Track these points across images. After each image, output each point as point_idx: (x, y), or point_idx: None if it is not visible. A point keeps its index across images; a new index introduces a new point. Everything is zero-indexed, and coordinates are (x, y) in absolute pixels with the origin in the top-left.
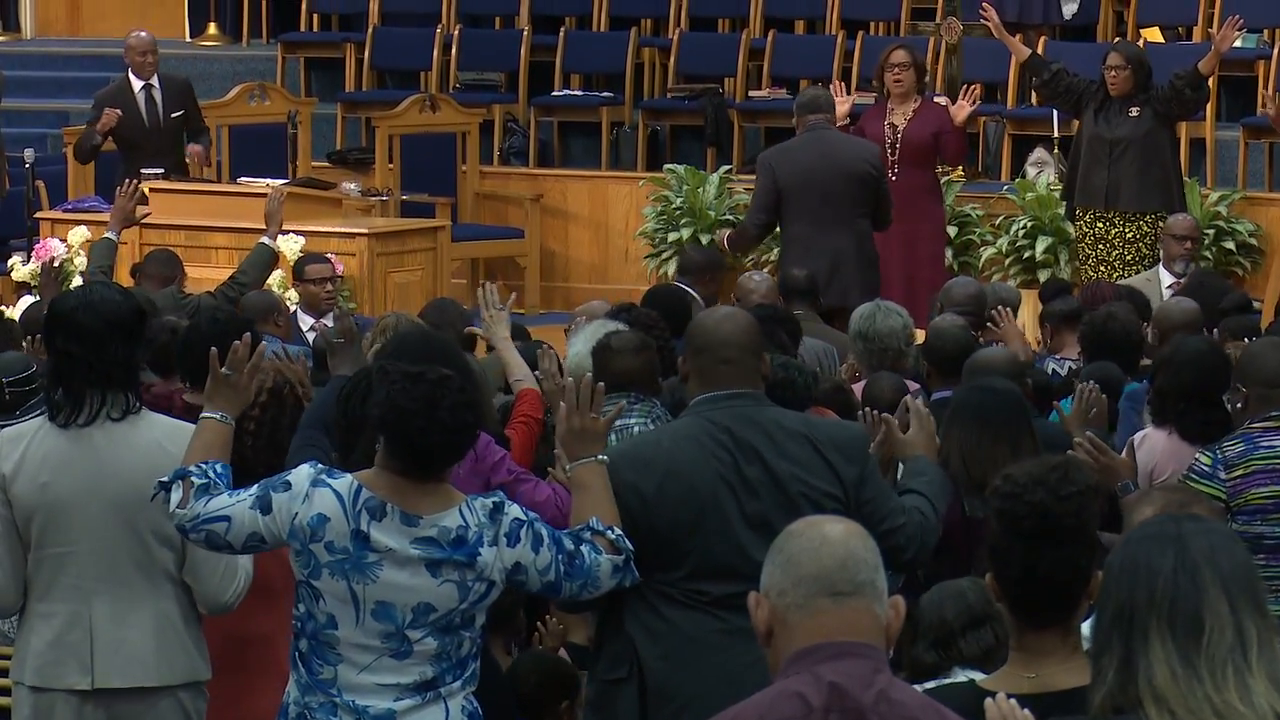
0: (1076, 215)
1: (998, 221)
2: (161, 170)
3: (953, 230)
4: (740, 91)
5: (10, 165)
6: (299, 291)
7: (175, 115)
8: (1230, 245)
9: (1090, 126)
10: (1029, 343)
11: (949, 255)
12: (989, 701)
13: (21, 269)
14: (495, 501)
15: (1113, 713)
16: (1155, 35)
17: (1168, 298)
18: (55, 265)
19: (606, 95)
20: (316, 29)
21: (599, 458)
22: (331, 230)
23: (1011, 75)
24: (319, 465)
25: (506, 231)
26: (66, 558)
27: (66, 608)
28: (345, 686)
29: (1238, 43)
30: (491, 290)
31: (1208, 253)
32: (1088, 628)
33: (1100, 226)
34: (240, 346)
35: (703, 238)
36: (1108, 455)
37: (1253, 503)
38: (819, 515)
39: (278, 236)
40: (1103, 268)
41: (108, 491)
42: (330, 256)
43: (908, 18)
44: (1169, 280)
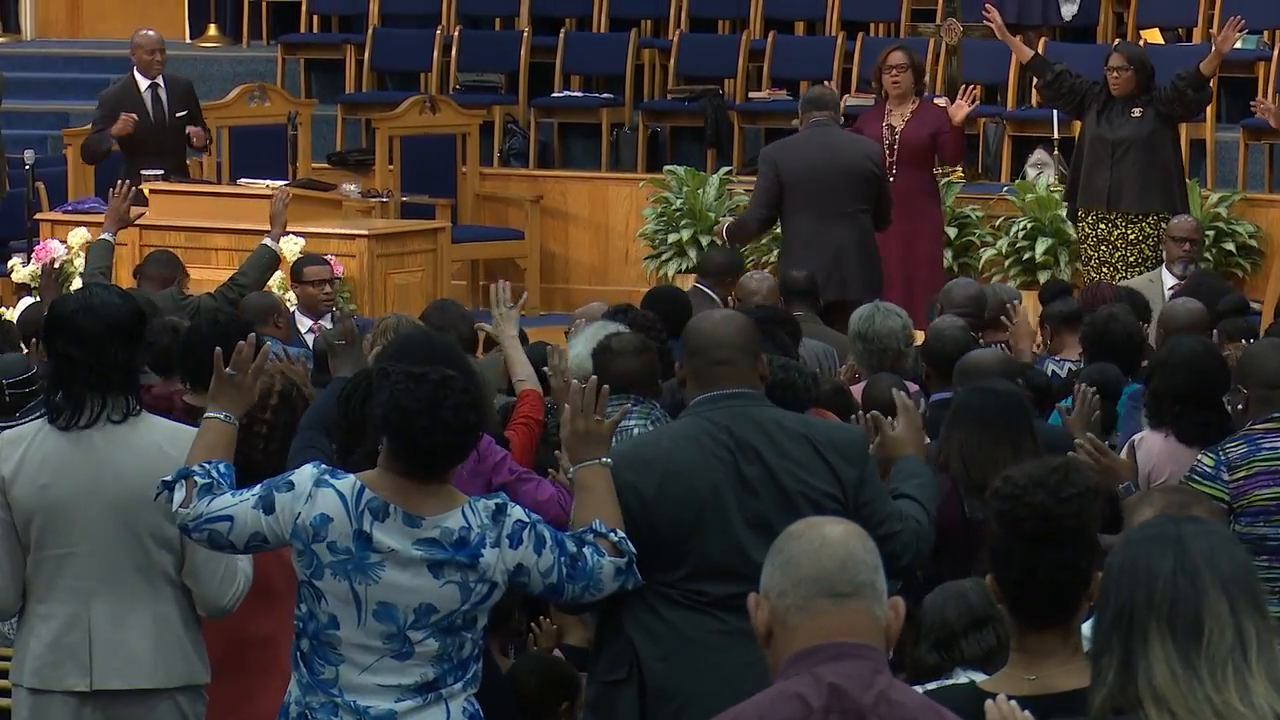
0: (1079, 216)
1: (998, 223)
2: (161, 171)
3: (953, 231)
4: (740, 93)
5: (10, 166)
6: (297, 293)
7: (180, 115)
8: (1230, 247)
9: (1092, 127)
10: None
11: (949, 256)
12: (989, 703)
13: (21, 270)
14: (498, 503)
15: (1113, 714)
16: (1155, 36)
17: (1169, 299)
18: (55, 267)
19: (606, 96)
20: (316, 30)
21: (602, 460)
22: (331, 232)
23: (1011, 76)
24: (322, 465)
25: (506, 233)
26: (66, 559)
27: (65, 609)
28: (346, 687)
29: (1238, 44)
30: (504, 288)
31: (1208, 254)
32: (1088, 629)
33: (1103, 228)
34: (245, 347)
35: (703, 239)
36: (1109, 457)
37: (1256, 504)
38: (818, 516)
39: (280, 238)
40: (1105, 269)
41: (107, 494)
42: (329, 258)
43: (908, 19)
44: (1171, 281)
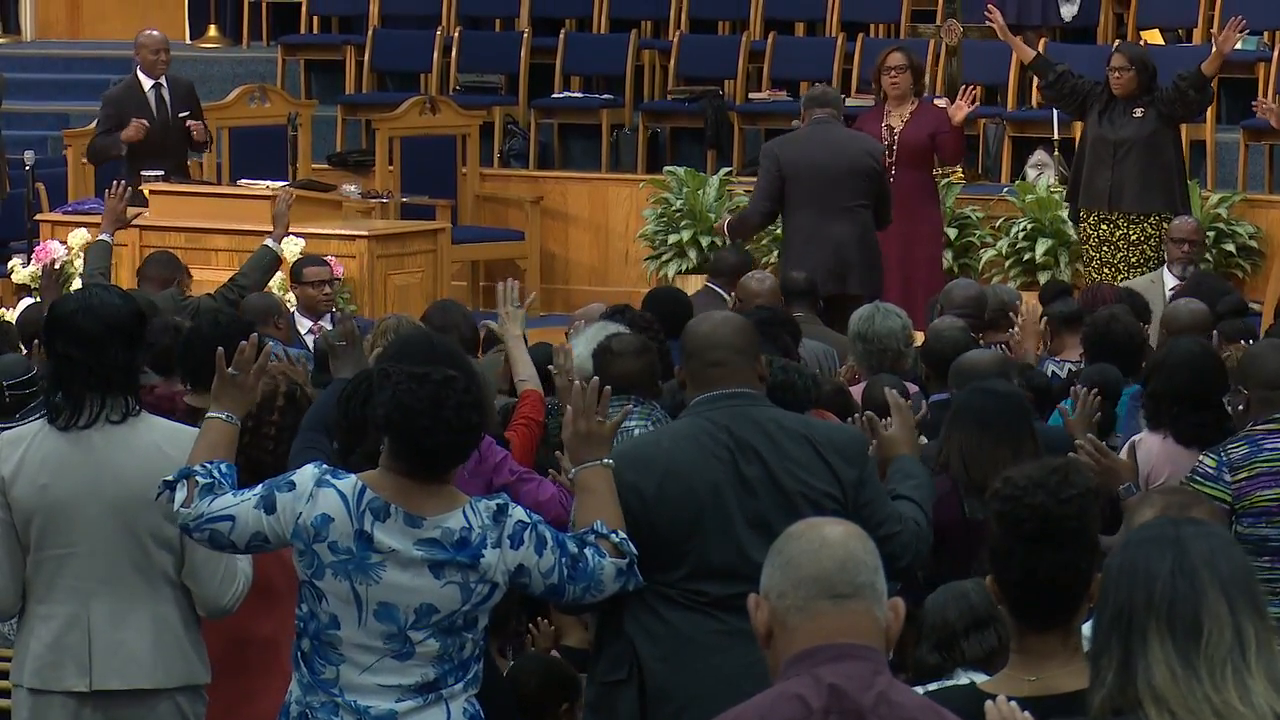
0: (1080, 217)
1: (998, 223)
2: (161, 172)
3: (953, 232)
4: (740, 93)
5: (10, 167)
6: (297, 294)
7: (182, 116)
8: (1230, 247)
9: (1094, 128)
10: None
11: (949, 257)
12: (989, 704)
13: (21, 271)
14: (499, 504)
15: (1112, 714)
16: (1155, 37)
17: (1170, 300)
18: (56, 267)
19: (606, 97)
20: (316, 31)
21: (604, 461)
22: (331, 232)
23: (1011, 77)
24: (323, 465)
25: (506, 234)
26: (65, 560)
27: (65, 610)
28: (347, 686)
29: (1238, 45)
30: (512, 287)
31: (1208, 255)
32: (1089, 630)
33: (1105, 229)
34: (247, 347)
35: (703, 240)
36: (1109, 458)
37: (1258, 505)
38: (818, 517)
39: (282, 239)
40: (1107, 270)
41: (107, 494)
42: (328, 259)
43: (908, 20)
44: (1172, 282)
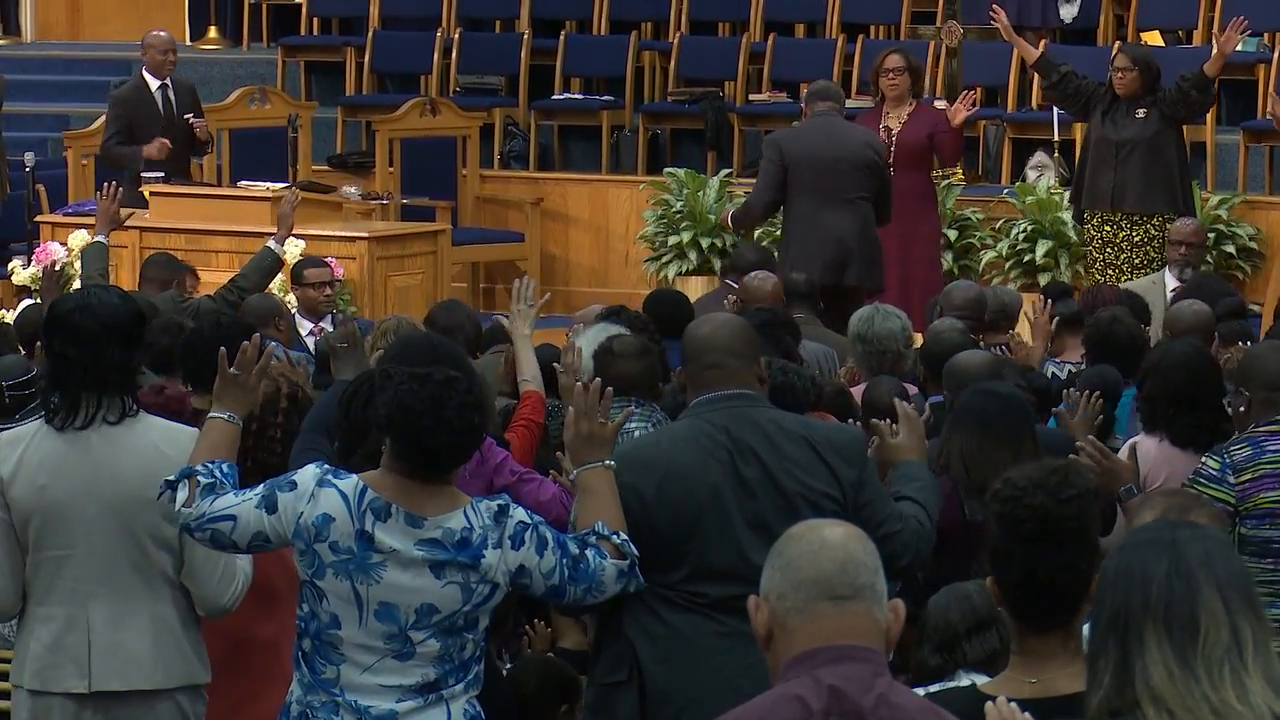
0: (1084, 218)
1: (998, 225)
2: (161, 174)
3: (953, 233)
4: (740, 95)
5: (10, 169)
6: (297, 296)
7: (186, 116)
8: (1230, 249)
9: (1097, 128)
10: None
11: (949, 259)
12: (989, 705)
13: (21, 273)
14: (500, 504)
15: (1109, 716)
16: (1155, 39)
17: (1170, 301)
18: (56, 269)
19: (607, 99)
20: (317, 32)
21: (605, 463)
22: (332, 234)
23: (1011, 79)
24: (325, 465)
25: (507, 235)
26: (64, 561)
27: (64, 611)
28: (348, 686)
29: (1239, 46)
30: (527, 285)
31: (1208, 257)
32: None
33: (1108, 230)
34: (249, 347)
35: (703, 241)
36: (1110, 459)
37: (1261, 506)
38: (818, 519)
39: (285, 240)
40: (1110, 271)
41: (105, 494)
42: (329, 260)
43: (908, 21)
44: (1173, 284)
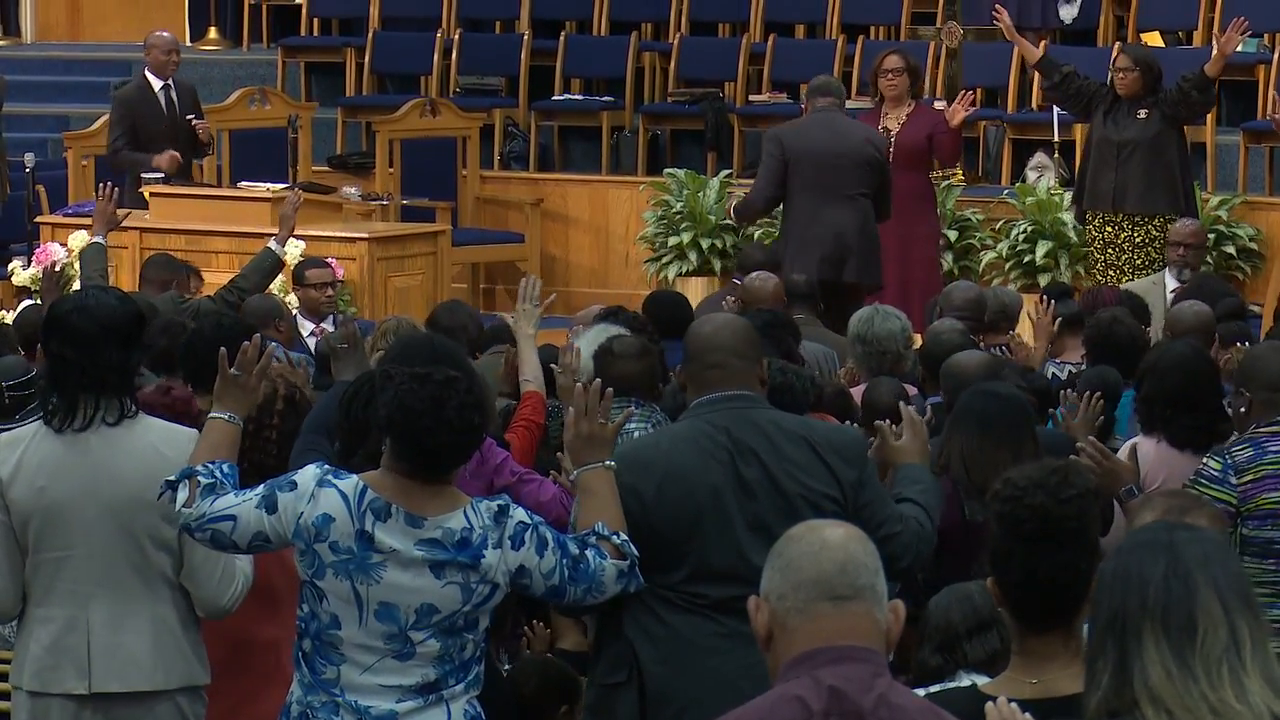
0: (1086, 219)
1: (998, 225)
2: (161, 174)
3: (953, 234)
4: (740, 96)
5: (10, 170)
6: (299, 296)
7: (189, 117)
8: (1230, 250)
9: (1099, 129)
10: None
11: (949, 259)
12: (990, 706)
13: (21, 273)
14: (500, 504)
15: (1107, 717)
16: (1155, 39)
17: (1170, 302)
18: (56, 270)
19: (607, 99)
20: (317, 33)
21: (606, 463)
22: (332, 235)
23: (1011, 79)
24: (325, 465)
25: (507, 236)
26: (64, 562)
27: (64, 612)
28: (348, 686)
29: (1239, 47)
30: (533, 284)
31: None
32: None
33: (1109, 230)
34: (250, 348)
35: (703, 242)
36: (1111, 460)
37: (1264, 507)
38: (818, 519)
39: (286, 241)
40: (1112, 272)
41: (104, 495)
42: (330, 261)
43: (908, 22)
44: (1173, 285)
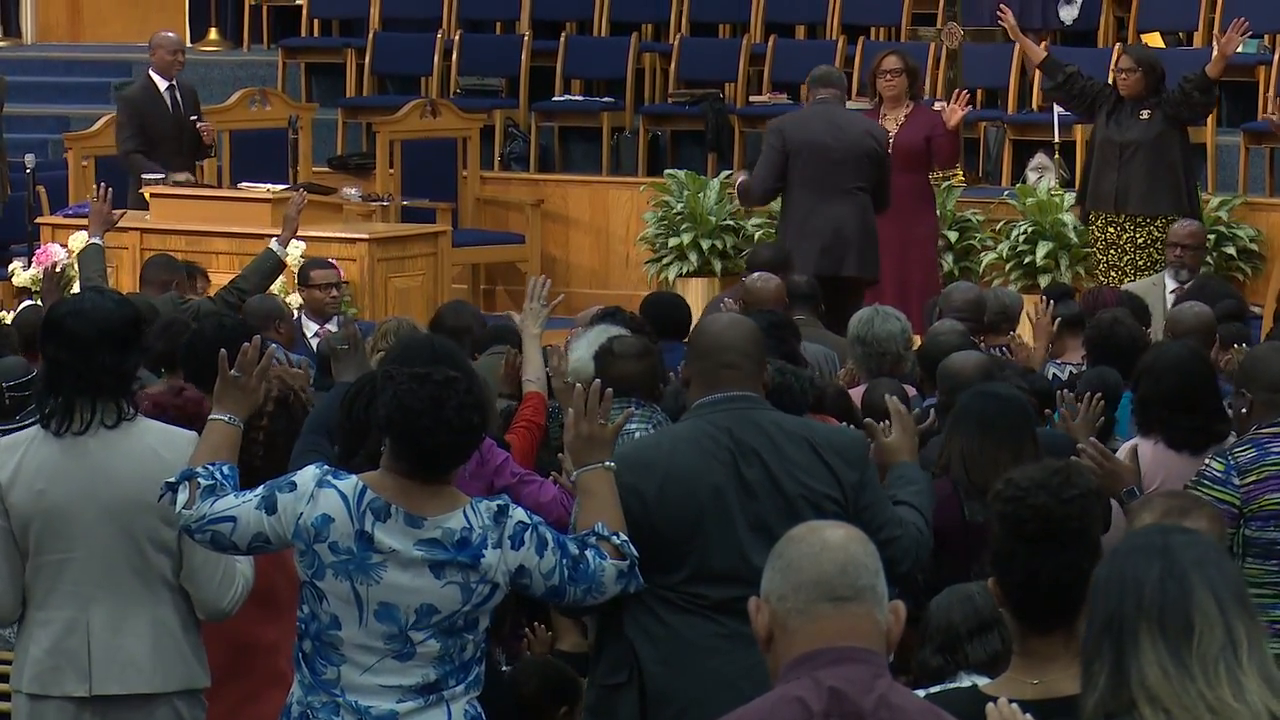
0: (1089, 220)
1: (998, 226)
2: (161, 175)
3: (953, 235)
4: (741, 96)
5: (11, 170)
6: (304, 297)
7: (192, 118)
8: (1231, 251)
9: (1102, 129)
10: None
11: (949, 260)
12: (990, 706)
13: (22, 274)
14: (500, 504)
15: (1105, 718)
16: (1156, 40)
17: (1170, 303)
18: (56, 270)
19: (607, 100)
20: (317, 34)
21: (606, 464)
22: (332, 235)
23: (1012, 80)
24: (325, 466)
25: (507, 237)
26: (64, 565)
27: (64, 615)
28: (348, 687)
29: (1239, 48)
30: (542, 284)
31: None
32: None
33: (1111, 231)
34: (250, 349)
35: (704, 242)
36: (1112, 461)
37: (1266, 508)
38: (819, 520)
39: (289, 242)
40: (1114, 273)
41: (103, 498)
42: (333, 262)
43: (908, 23)
44: (1173, 286)
